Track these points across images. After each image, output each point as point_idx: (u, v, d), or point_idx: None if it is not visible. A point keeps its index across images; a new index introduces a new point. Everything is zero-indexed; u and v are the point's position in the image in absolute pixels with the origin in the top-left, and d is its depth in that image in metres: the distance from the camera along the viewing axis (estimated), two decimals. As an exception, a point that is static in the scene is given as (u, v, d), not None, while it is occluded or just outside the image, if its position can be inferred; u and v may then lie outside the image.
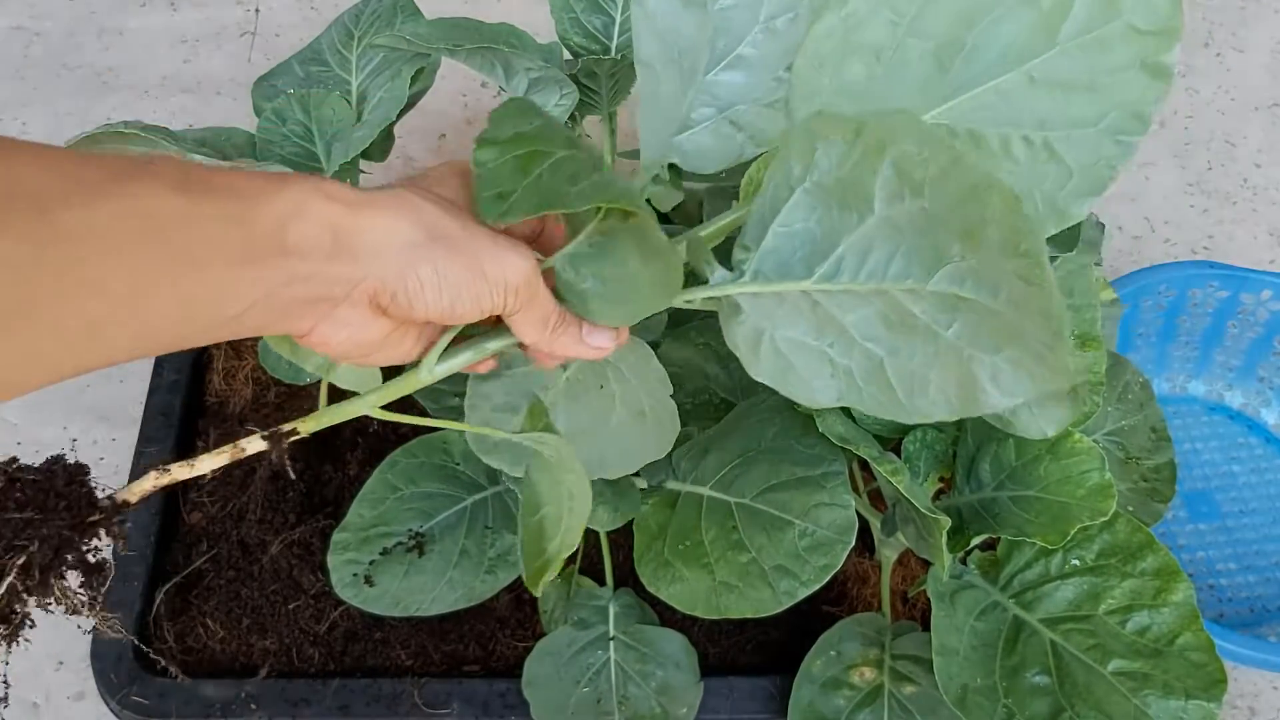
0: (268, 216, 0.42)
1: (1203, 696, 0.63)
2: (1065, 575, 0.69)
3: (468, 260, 0.47)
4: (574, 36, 0.88)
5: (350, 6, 0.94)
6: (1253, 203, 1.23)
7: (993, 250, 0.45)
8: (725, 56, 0.57)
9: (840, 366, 0.50)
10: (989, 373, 0.47)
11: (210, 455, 0.51)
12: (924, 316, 0.48)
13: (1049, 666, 0.67)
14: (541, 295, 0.50)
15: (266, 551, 0.87)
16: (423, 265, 0.46)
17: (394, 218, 0.45)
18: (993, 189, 0.44)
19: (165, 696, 0.78)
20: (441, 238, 0.46)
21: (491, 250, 0.48)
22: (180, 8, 1.39)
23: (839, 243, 0.49)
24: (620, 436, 0.62)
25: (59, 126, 1.26)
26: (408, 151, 1.24)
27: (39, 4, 1.39)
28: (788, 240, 0.50)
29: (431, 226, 0.46)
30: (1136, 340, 1.05)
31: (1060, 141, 0.52)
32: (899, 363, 0.49)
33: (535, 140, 0.49)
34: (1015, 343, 0.46)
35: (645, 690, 0.75)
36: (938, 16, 0.51)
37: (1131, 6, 0.50)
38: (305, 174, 0.45)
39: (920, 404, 0.49)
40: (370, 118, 0.85)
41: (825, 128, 0.48)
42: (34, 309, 0.36)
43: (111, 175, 0.38)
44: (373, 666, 0.82)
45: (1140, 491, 0.80)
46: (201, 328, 0.42)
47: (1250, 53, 1.37)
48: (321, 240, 0.43)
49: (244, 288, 0.42)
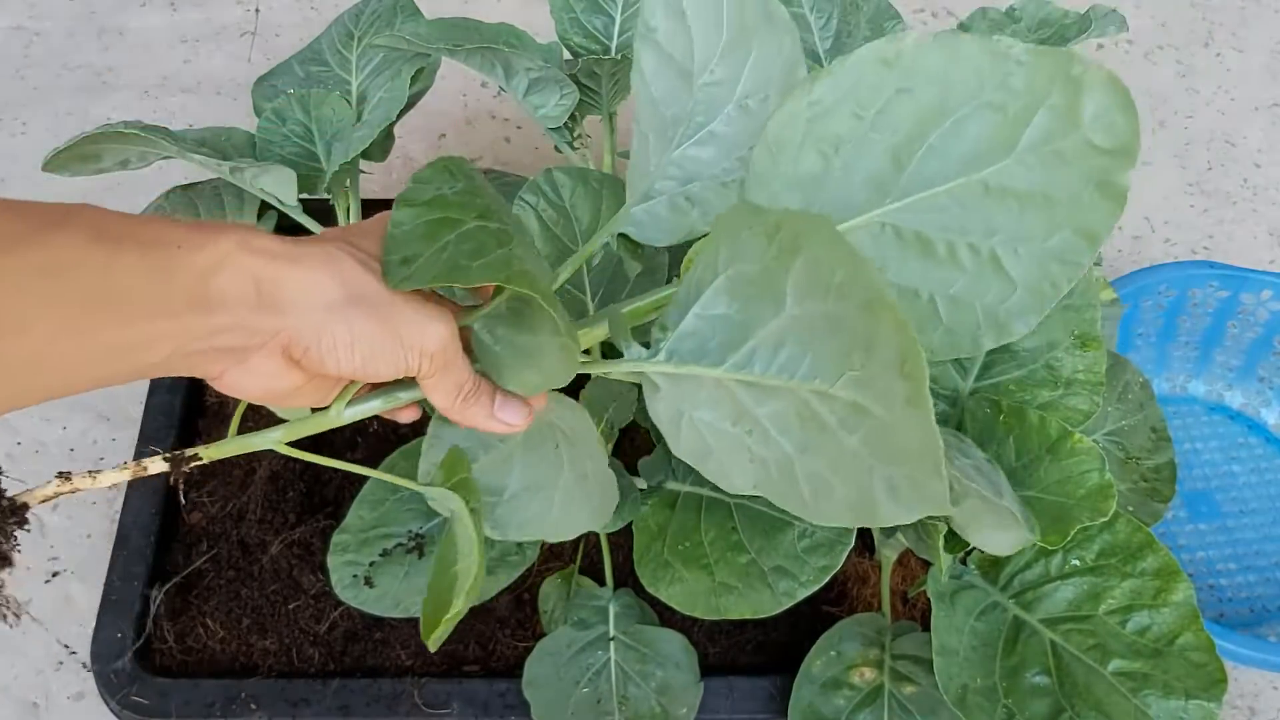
0: (189, 269, 0.42)
1: (1203, 696, 0.63)
2: (1065, 575, 0.69)
3: (384, 324, 0.47)
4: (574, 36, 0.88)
5: (350, 6, 0.95)
6: (1253, 203, 1.23)
7: (885, 366, 0.44)
8: (698, 131, 0.56)
9: (757, 455, 0.49)
10: (885, 485, 0.46)
11: (114, 471, 0.52)
12: (830, 419, 0.46)
13: (1049, 667, 0.67)
14: (457, 364, 0.51)
15: (266, 551, 0.87)
16: (338, 324, 0.46)
17: (316, 274, 0.46)
18: (885, 308, 0.43)
19: (165, 696, 0.78)
20: (361, 298, 0.47)
21: (411, 315, 0.48)
22: (180, 8, 1.39)
23: (752, 335, 0.48)
24: (568, 498, 0.62)
25: (59, 126, 1.26)
26: (408, 151, 1.24)
27: (39, 4, 1.39)
28: (708, 324, 0.49)
29: (353, 286, 0.46)
30: (1136, 340, 1.05)
31: (1008, 255, 0.51)
32: (807, 462, 0.48)
33: (451, 206, 0.48)
34: (909, 460, 0.45)
35: (645, 690, 0.75)
36: (903, 112, 0.50)
37: (1091, 121, 0.48)
38: (235, 225, 0.46)
39: (825, 508, 0.48)
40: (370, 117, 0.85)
41: (745, 220, 0.48)
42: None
43: (33, 226, 0.39)
44: (373, 666, 0.82)
45: (1140, 491, 0.80)
46: (123, 372, 0.43)
47: (1250, 53, 1.37)
48: (245, 292, 0.44)
49: (161, 338, 0.42)
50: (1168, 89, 1.34)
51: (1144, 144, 1.27)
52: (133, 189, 1.19)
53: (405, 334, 0.48)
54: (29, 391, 0.40)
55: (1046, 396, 0.72)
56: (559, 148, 0.89)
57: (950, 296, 0.52)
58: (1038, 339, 0.73)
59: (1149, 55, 1.37)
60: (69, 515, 0.98)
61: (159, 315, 0.42)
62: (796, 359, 0.47)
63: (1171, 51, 1.37)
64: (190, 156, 0.78)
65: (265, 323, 0.45)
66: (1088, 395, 0.72)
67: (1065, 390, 0.72)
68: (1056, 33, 0.82)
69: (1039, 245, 0.51)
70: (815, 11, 0.88)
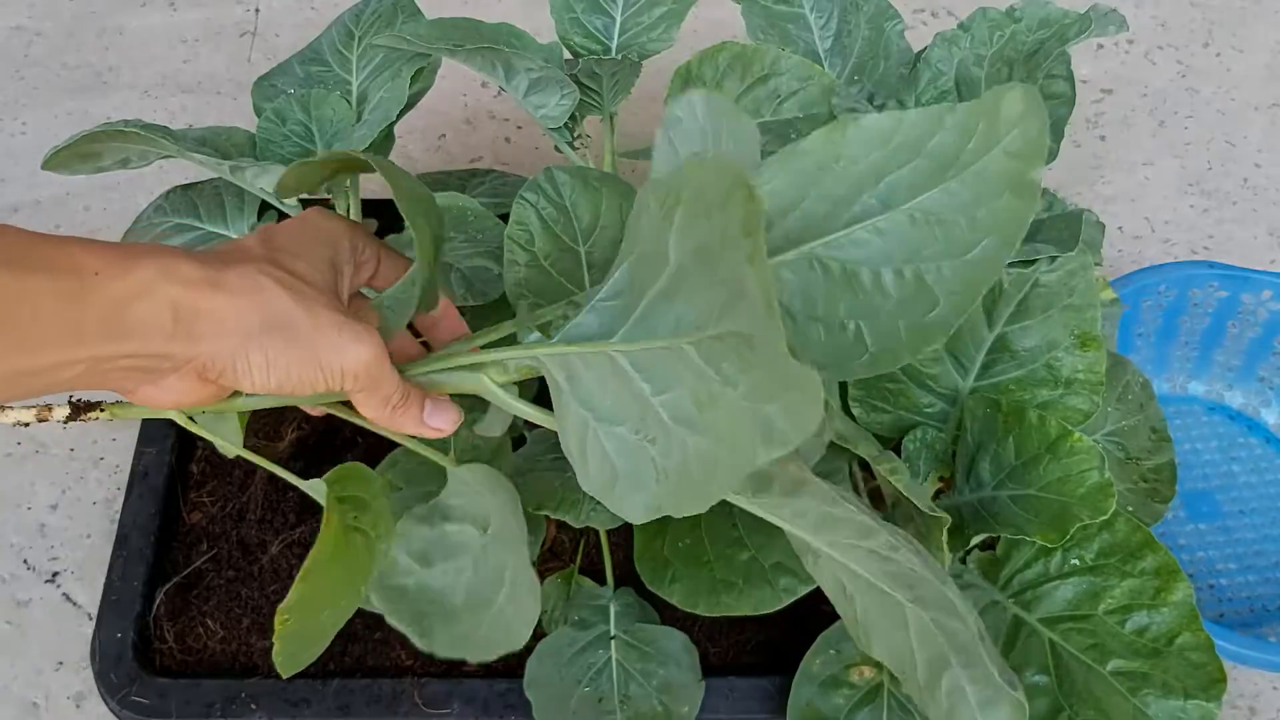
0: (104, 297, 0.42)
1: (1202, 696, 0.63)
2: (1064, 575, 0.69)
3: (303, 349, 0.47)
4: (574, 36, 0.88)
5: (350, 6, 0.94)
6: (1253, 203, 1.23)
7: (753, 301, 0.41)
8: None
9: (660, 467, 0.47)
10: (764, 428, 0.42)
11: (19, 410, 0.54)
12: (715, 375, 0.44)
13: (1048, 666, 0.67)
14: (384, 379, 0.50)
15: (266, 551, 0.87)
16: (254, 351, 0.46)
17: (236, 301, 0.46)
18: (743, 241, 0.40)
19: (165, 696, 0.78)
20: (281, 326, 0.46)
21: (333, 339, 0.48)
22: (180, 7, 1.39)
23: (643, 298, 0.47)
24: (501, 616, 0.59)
25: (59, 126, 1.26)
26: (408, 151, 1.24)
27: (39, 4, 1.39)
28: (607, 308, 0.49)
29: (273, 314, 0.46)
30: (1136, 340, 1.05)
31: (931, 273, 0.52)
32: (700, 444, 0.45)
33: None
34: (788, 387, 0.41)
35: (647, 689, 0.75)
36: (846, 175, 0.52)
37: (1007, 133, 0.49)
38: (158, 249, 0.45)
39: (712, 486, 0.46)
40: (370, 118, 0.85)
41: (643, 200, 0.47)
42: None
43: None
44: (373, 666, 0.82)
45: (1140, 491, 0.80)
46: (32, 392, 0.42)
47: (1250, 53, 1.37)
48: (162, 320, 0.44)
49: (70, 364, 0.42)
50: (1168, 89, 1.34)
51: (1144, 144, 1.28)
52: (132, 188, 1.19)
53: (325, 359, 0.48)
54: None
55: (1046, 396, 0.73)
56: (559, 148, 0.89)
57: (876, 324, 0.53)
58: (1037, 339, 0.73)
59: (1149, 55, 1.37)
60: (69, 515, 0.98)
61: (68, 343, 0.41)
62: (683, 313, 0.45)
63: (1171, 51, 1.37)
64: (190, 156, 0.78)
65: (179, 349, 0.45)
66: (1087, 395, 0.72)
67: (1065, 390, 0.72)
68: (1056, 33, 0.82)
69: (961, 260, 0.51)
70: (815, 11, 0.88)
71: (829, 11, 0.88)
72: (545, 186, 0.73)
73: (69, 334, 0.41)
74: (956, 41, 0.85)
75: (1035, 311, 0.73)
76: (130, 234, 0.90)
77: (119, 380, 0.46)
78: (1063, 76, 0.81)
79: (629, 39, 0.88)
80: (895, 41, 0.88)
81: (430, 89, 0.91)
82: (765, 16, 0.87)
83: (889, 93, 0.87)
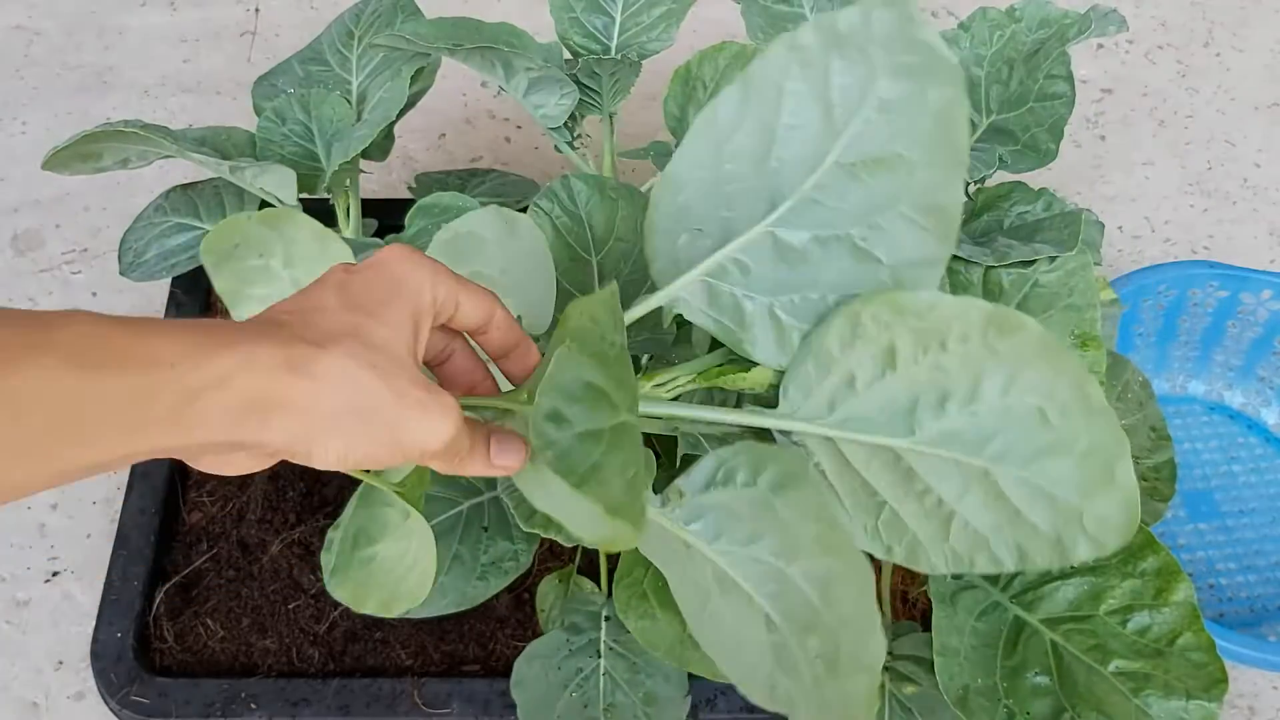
0: (176, 390, 0.39)
1: (1203, 696, 0.63)
2: (1065, 575, 0.69)
3: (385, 434, 0.45)
4: (574, 36, 0.88)
5: (350, 6, 0.94)
6: (1253, 203, 1.24)
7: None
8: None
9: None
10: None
11: None
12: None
13: (1050, 666, 0.67)
14: (460, 447, 0.48)
15: (266, 551, 0.87)
16: (332, 439, 0.43)
17: (318, 387, 0.43)
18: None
19: (165, 696, 0.78)
20: (364, 410, 0.44)
21: (417, 419, 0.45)
22: (180, 7, 1.39)
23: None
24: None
25: (59, 126, 1.26)
26: (408, 151, 1.24)
27: (39, 3, 1.39)
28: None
29: (357, 399, 0.43)
30: (1136, 340, 1.05)
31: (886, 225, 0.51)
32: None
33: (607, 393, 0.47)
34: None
35: (632, 699, 0.75)
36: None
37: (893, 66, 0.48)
38: (243, 331, 0.42)
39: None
40: (370, 117, 0.85)
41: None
42: None
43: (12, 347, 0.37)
44: (373, 666, 0.82)
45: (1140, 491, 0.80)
46: (81, 476, 0.40)
47: (1250, 53, 1.37)
48: (231, 412, 0.41)
49: (130, 456, 0.40)
50: (1168, 89, 1.34)
51: (1144, 144, 1.28)
52: (133, 188, 1.19)
53: (406, 440, 0.45)
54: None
55: (1047, 396, 0.72)
56: (559, 148, 0.89)
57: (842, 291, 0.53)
58: (1038, 339, 0.73)
59: (1149, 55, 1.37)
60: (69, 515, 0.98)
61: (132, 438, 0.39)
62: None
63: (1171, 51, 1.37)
64: (190, 156, 0.78)
65: (249, 436, 0.42)
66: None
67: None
68: (1056, 32, 0.82)
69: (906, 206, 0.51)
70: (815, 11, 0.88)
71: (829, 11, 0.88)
72: (560, 194, 0.72)
73: (134, 429, 0.39)
74: (956, 41, 0.85)
75: (1035, 311, 0.73)
76: (130, 234, 0.90)
77: (181, 457, 0.43)
78: (1062, 76, 0.81)
79: (628, 39, 0.88)
80: (895, 41, 0.88)
81: (430, 88, 0.91)
82: (765, 16, 0.87)
83: (889, 93, 0.87)
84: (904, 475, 0.52)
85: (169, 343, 0.40)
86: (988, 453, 0.50)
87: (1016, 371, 0.49)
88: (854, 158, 0.50)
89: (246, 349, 0.41)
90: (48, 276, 1.14)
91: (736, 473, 0.52)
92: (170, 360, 0.39)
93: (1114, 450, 0.50)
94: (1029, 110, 0.82)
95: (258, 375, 0.41)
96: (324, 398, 0.43)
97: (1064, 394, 0.49)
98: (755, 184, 0.52)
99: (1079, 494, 0.51)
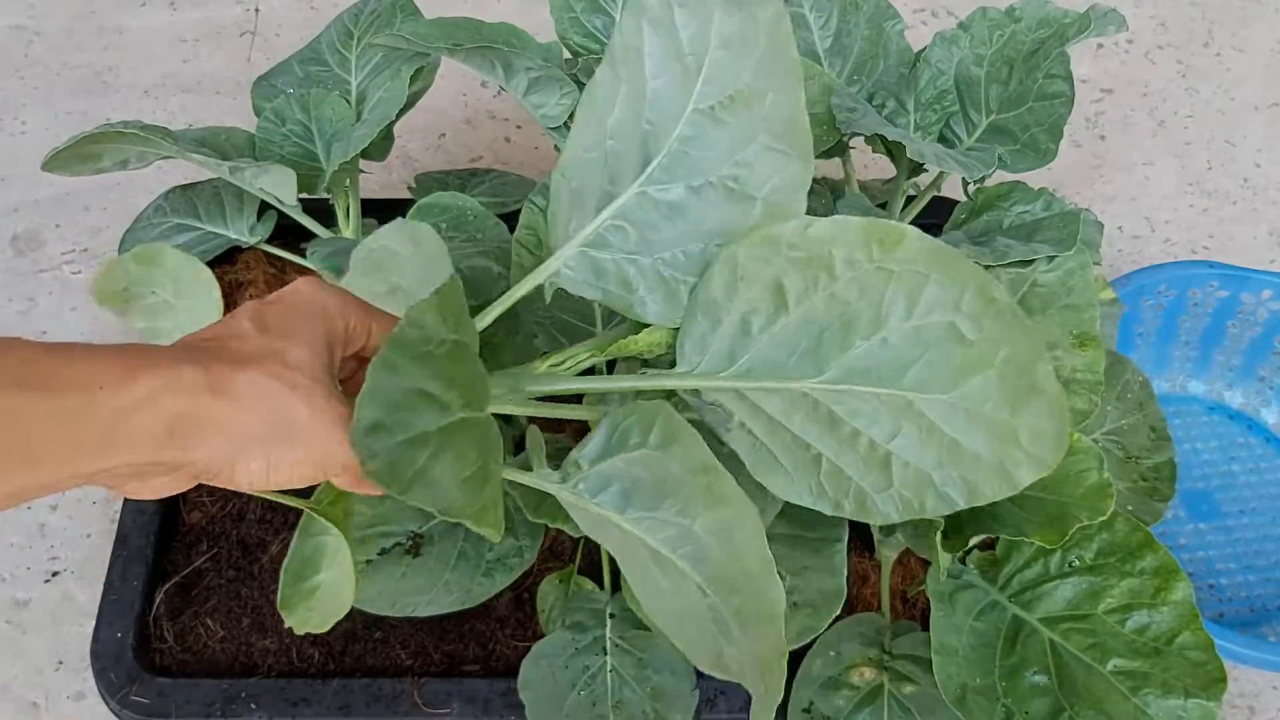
0: (105, 412, 0.41)
1: (1202, 695, 0.63)
2: (1064, 574, 0.69)
3: (305, 451, 0.46)
4: (574, 36, 0.88)
5: (350, 6, 0.94)
6: (1253, 203, 1.23)
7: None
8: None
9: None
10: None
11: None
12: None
13: (1048, 666, 0.67)
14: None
15: (266, 551, 0.87)
16: (254, 459, 0.45)
17: (240, 408, 0.44)
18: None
19: (165, 696, 0.78)
20: (285, 428, 0.45)
21: (337, 435, 0.46)
22: (180, 7, 1.39)
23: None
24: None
25: (59, 126, 1.26)
26: (407, 151, 1.24)
27: (39, 3, 1.39)
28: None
29: (278, 419, 0.45)
30: (1136, 340, 1.05)
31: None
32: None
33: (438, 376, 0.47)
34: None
35: (640, 695, 0.75)
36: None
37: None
38: (163, 356, 0.44)
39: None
40: (370, 117, 0.85)
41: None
42: None
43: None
44: (373, 666, 0.82)
45: (1140, 491, 0.80)
46: (30, 499, 0.42)
47: (1250, 53, 1.37)
48: (155, 432, 0.43)
49: (71, 478, 0.42)
50: (1168, 89, 1.34)
51: (1144, 144, 1.28)
52: (132, 188, 1.19)
53: (328, 458, 0.47)
54: None
55: (1046, 396, 0.72)
56: (558, 147, 0.89)
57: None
58: (1037, 338, 0.73)
59: (1149, 55, 1.37)
60: (69, 515, 0.98)
61: (70, 460, 0.41)
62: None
63: (1171, 51, 1.37)
64: (190, 156, 0.78)
65: (170, 457, 0.44)
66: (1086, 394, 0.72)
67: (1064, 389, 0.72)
68: (1056, 32, 0.82)
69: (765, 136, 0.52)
70: (815, 11, 0.88)
71: (828, 11, 0.88)
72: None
73: (71, 452, 0.41)
74: (956, 41, 0.85)
75: (1033, 311, 0.73)
76: (130, 234, 0.90)
77: (106, 483, 0.45)
78: (1062, 76, 0.81)
79: (629, 39, 0.88)
80: (895, 41, 0.88)
81: (430, 88, 0.91)
82: (765, 16, 0.87)
83: (888, 92, 0.87)
84: (828, 421, 0.51)
85: (96, 367, 0.42)
86: (907, 382, 0.49)
87: (917, 289, 0.48)
88: (711, 99, 0.51)
89: (170, 371, 0.43)
90: (48, 276, 1.14)
91: (630, 435, 0.51)
92: (99, 383, 0.41)
93: (1030, 354, 0.49)
94: (1028, 110, 0.82)
95: (181, 396, 0.43)
96: (245, 416, 0.44)
97: (971, 303, 0.48)
98: (635, 151, 0.53)
99: (1008, 409, 0.49)
